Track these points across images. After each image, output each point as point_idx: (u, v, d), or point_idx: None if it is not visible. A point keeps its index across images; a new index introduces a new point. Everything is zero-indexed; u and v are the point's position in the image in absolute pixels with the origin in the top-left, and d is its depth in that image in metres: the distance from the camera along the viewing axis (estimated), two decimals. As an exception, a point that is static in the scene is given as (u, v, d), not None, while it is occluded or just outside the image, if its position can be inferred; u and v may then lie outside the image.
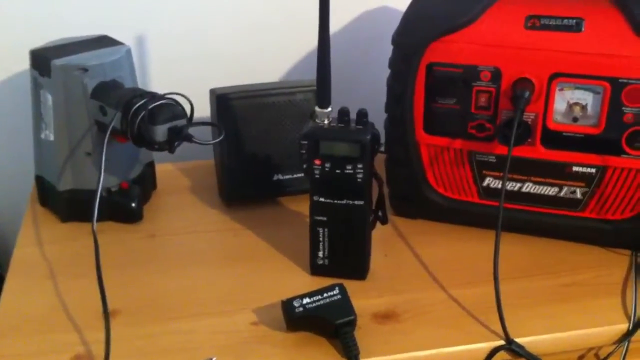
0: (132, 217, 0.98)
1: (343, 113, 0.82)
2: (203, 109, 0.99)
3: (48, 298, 0.84)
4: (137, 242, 0.95)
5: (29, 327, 0.79)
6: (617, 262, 0.90)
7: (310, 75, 1.01)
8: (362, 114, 0.81)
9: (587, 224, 0.91)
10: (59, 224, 0.98)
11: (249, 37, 1.18)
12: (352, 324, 0.76)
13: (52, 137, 0.95)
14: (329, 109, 0.82)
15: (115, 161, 0.94)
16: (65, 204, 0.97)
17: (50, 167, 0.98)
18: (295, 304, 0.76)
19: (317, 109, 0.82)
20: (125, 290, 0.84)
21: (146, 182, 1.04)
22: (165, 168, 1.12)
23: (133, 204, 0.97)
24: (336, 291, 0.77)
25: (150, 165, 1.05)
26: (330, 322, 0.75)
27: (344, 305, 0.77)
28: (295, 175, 1.03)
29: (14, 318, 0.80)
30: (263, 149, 1.01)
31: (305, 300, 0.76)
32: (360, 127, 0.81)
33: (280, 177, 1.02)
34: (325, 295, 0.77)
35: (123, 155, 0.97)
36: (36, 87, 0.96)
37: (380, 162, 0.88)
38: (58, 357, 0.75)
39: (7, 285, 0.86)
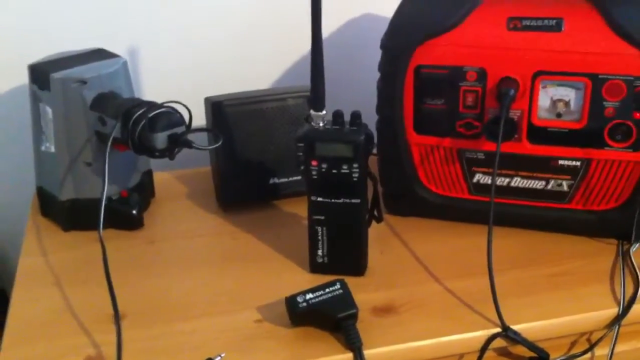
0: (133, 224, 1.00)
1: (337, 115, 0.84)
2: (198, 117, 1.02)
3: (55, 304, 0.86)
4: (138, 248, 0.97)
5: (39, 332, 0.81)
6: (603, 251, 0.94)
7: (301, 81, 1.04)
8: (356, 116, 0.84)
9: (573, 216, 0.95)
10: (61, 233, 1.00)
11: (240, 46, 1.21)
12: (354, 317, 0.79)
13: (52, 149, 0.97)
14: (324, 111, 0.85)
15: (115, 170, 0.96)
16: (66, 213, 0.99)
17: (51, 178, 1.00)
18: (299, 299, 0.79)
19: (312, 112, 0.85)
20: (130, 294, 0.86)
21: (145, 190, 1.06)
22: (163, 176, 1.14)
23: (134, 211, 1.00)
24: (338, 286, 0.80)
25: (148, 174, 1.08)
26: (333, 315, 0.78)
27: (346, 299, 0.79)
28: (290, 178, 1.05)
29: (23, 324, 0.82)
30: (258, 153, 1.04)
31: (309, 296, 0.79)
32: (354, 128, 0.84)
33: (276, 180, 1.05)
34: (327, 290, 0.80)
35: (122, 164, 1.00)
36: (35, 101, 0.98)
37: (373, 162, 0.91)
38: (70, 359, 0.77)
39: (14, 293, 0.88)
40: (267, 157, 1.04)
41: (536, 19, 0.89)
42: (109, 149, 0.87)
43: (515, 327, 0.80)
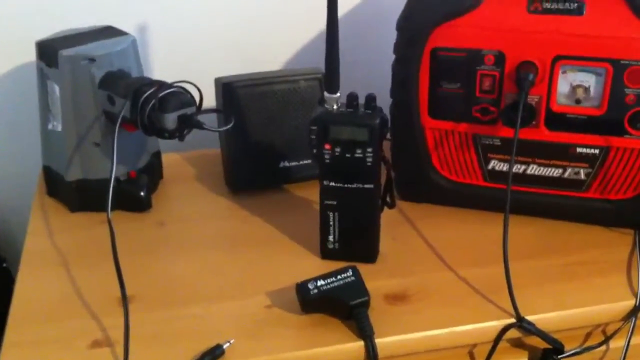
0: (141, 205, 0.99)
1: (352, 98, 0.83)
2: (207, 98, 1.00)
3: (62, 286, 0.84)
4: (147, 230, 0.96)
5: (45, 314, 0.80)
6: (620, 240, 0.92)
7: (313, 63, 1.03)
8: (371, 99, 0.82)
9: (590, 204, 0.93)
10: (68, 213, 0.99)
11: (252, 27, 1.18)
12: (365, 304, 0.77)
13: (59, 128, 0.96)
14: (338, 94, 0.83)
15: (123, 151, 0.94)
16: (74, 194, 0.98)
17: (58, 158, 0.98)
18: (310, 286, 0.77)
19: (326, 94, 0.83)
20: (138, 277, 0.85)
21: (153, 171, 1.04)
22: (171, 157, 1.12)
23: (142, 193, 0.98)
24: (349, 273, 0.79)
25: (157, 155, 1.06)
26: (345, 303, 0.76)
27: (358, 287, 0.78)
28: (301, 162, 1.04)
29: (30, 306, 0.81)
30: (268, 136, 1.02)
31: (320, 282, 0.78)
32: (369, 111, 0.82)
33: (287, 164, 1.03)
34: (339, 277, 0.78)
35: (131, 144, 0.98)
36: (43, 78, 0.96)
37: (386, 147, 0.89)
38: (77, 343, 0.76)
39: (20, 274, 0.87)
40: (278, 139, 1.02)
41: (557, 1, 0.86)
42: (117, 128, 0.86)
43: (529, 318, 0.79)
